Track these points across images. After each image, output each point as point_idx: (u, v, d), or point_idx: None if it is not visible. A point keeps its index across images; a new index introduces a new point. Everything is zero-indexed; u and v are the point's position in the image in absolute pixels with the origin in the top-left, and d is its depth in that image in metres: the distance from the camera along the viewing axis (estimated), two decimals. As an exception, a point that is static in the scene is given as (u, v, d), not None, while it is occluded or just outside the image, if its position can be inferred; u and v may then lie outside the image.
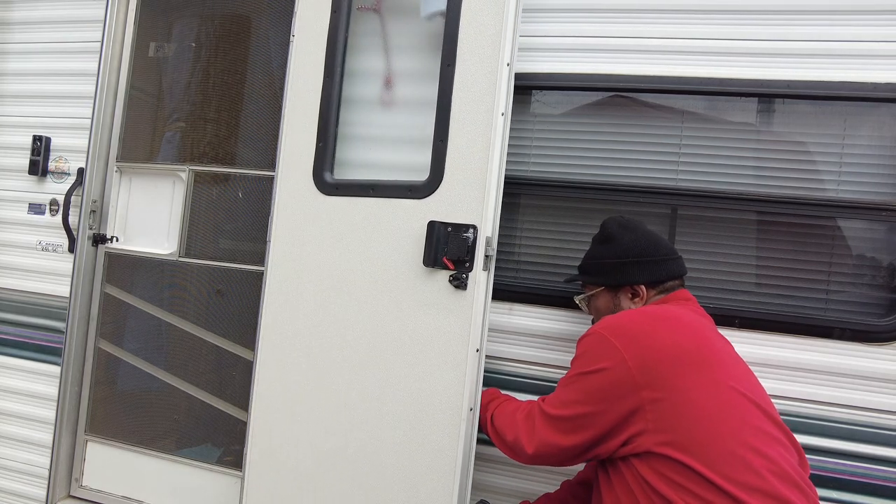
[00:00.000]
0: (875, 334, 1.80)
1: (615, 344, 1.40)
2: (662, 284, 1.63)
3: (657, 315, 1.47)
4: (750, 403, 1.37)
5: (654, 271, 1.62)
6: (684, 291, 1.65)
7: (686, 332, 1.42)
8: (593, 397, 1.40)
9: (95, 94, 2.43)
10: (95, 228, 2.49)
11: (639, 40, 2.01)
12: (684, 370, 1.34)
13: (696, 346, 1.39)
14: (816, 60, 1.88)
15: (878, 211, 1.84)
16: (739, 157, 1.95)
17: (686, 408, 1.31)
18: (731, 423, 1.31)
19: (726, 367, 1.40)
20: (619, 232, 1.68)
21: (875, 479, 1.79)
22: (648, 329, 1.41)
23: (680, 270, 1.66)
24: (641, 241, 1.66)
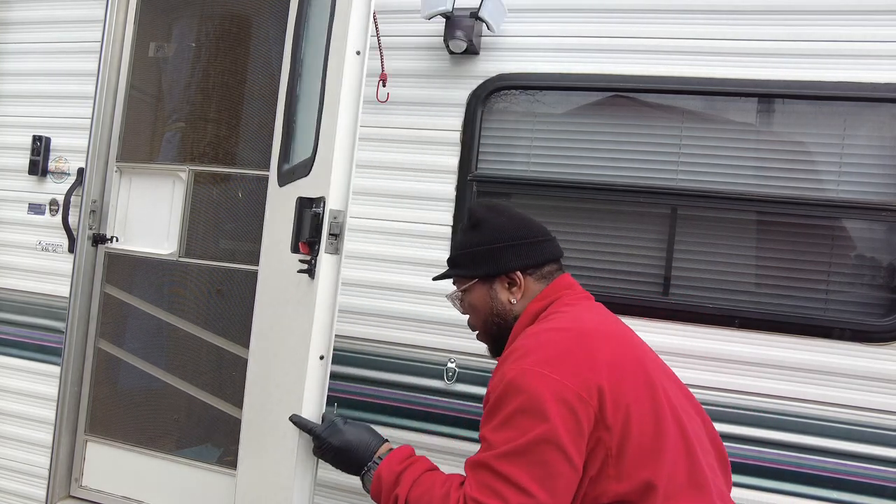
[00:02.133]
0: (875, 334, 1.80)
1: (562, 381, 1.11)
2: (540, 269, 1.40)
3: (582, 330, 1.22)
4: (689, 413, 1.25)
5: (530, 254, 1.39)
6: (566, 277, 1.43)
7: (620, 343, 1.24)
8: (564, 462, 1.09)
9: (95, 94, 2.43)
10: (95, 228, 2.49)
11: (639, 40, 2.01)
12: (638, 394, 1.15)
13: (636, 360, 1.22)
14: (816, 60, 1.88)
15: (878, 211, 1.84)
16: (739, 157, 1.95)
17: (646, 441, 1.12)
18: (679, 451, 1.15)
19: (663, 378, 1.24)
20: (488, 215, 1.44)
21: (875, 479, 1.78)
22: (586, 351, 1.17)
23: (556, 252, 1.44)
24: (513, 223, 1.42)
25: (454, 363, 2.09)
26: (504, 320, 1.39)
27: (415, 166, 2.18)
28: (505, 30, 2.11)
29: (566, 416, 1.08)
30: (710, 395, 1.90)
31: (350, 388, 2.18)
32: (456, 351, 2.09)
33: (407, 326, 2.14)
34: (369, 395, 2.16)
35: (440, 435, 2.07)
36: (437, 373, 2.10)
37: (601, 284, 2.04)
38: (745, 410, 1.87)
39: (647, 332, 1.94)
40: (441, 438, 2.07)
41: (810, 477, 1.82)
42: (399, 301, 2.15)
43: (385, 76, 2.17)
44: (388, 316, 2.15)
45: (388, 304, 2.16)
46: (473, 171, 2.12)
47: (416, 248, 2.16)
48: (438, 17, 2.04)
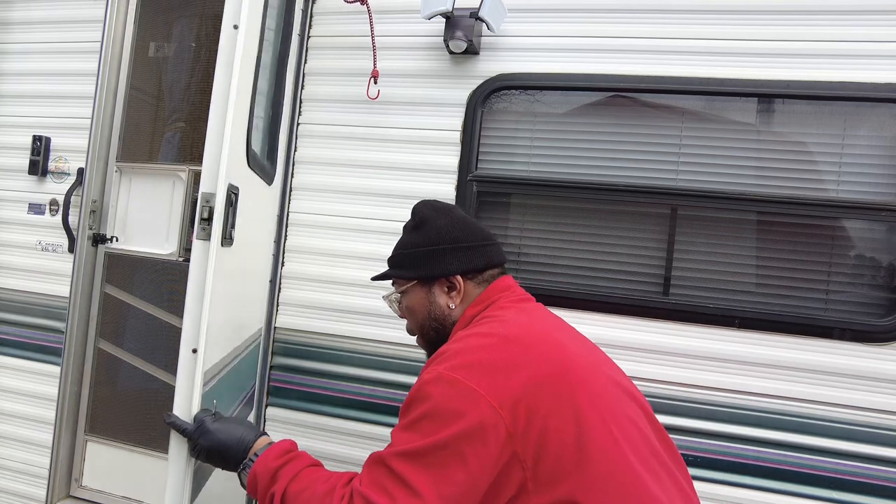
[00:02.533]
0: (875, 334, 1.80)
1: (475, 388, 1.05)
2: (482, 274, 1.35)
3: (507, 336, 1.15)
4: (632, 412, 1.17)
5: (471, 259, 1.33)
6: (506, 279, 1.37)
7: (545, 348, 1.15)
8: (461, 470, 1.03)
9: (95, 94, 2.43)
10: (95, 228, 2.49)
11: (639, 40, 2.01)
12: (558, 402, 1.07)
13: (560, 366, 1.12)
14: (816, 60, 1.88)
15: (878, 211, 1.84)
16: (739, 157, 1.95)
17: (567, 452, 1.04)
18: (618, 457, 1.07)
19: (593, 379, 1.15)
20: (432, 216, 1.39)
21: (875, 479, 1.79)
22: (506, 358, 1.10)
23: (500, 258, 1.39)
24: (457, 226, 1.36)
25: (454, 363, 2.08)
26: (442, 325, 1.35)
27: (415, 166, 2.19)
28: (505, 30, 2.11)
29: (473, 424, 1.03)
30: (711, 395, 1.90)
31: (351, 387, 2.19)
32: (456, 351, 2.09)
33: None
34: (370, 394, 2.16)
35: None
36: (437, 373, 2.10)
37: (601, 284, 2.04)
38: (745, 410, 1.88)
39: (647, 333, 1.96)
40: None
41: (810, 477, 1.82)
42: (399, 301, 2.15)
43: (377, 73, 2.17)
44: (388, 316, 2.14)
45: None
46: (473, 171, 2.12)
47: (416, 248, 2.16)
48: (438, 17, 2.04)
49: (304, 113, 2.33)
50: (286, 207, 2.30)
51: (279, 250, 2.30)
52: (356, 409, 2.17)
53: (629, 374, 1.94)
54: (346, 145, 2.26)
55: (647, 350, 1.95)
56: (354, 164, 2.24)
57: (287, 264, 2.30)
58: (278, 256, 2.30)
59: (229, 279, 1.56)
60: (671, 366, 1.93)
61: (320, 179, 2.28)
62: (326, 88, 2.30)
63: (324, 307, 2.25)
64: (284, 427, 2.22)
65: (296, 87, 2.32)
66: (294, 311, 2.28)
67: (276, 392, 2.27)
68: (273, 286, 2.29)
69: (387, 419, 2.13)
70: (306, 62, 2.33)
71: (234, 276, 1.64)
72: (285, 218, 2.30)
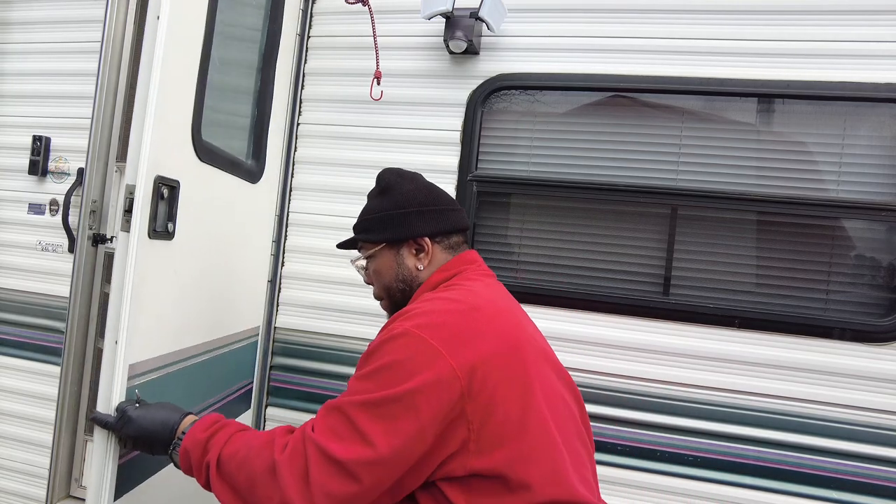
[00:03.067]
0: (875, 334, 1.80)
1: (438, 348, 1.09)
2: (448, 238, 1.38)
3: (474, 305, 1.19)
4: (566, 401, 1.23)
5: (438, 221, 1.37)
6: (472, 252, 1.41)
7: (506, 323, 1.20)
8: (413, 421, 1.06)
9: (95, 94, 2.42)
10: (95, 228, 2.48)
11: (639, 40, 2.01)
12: (509, 375, 1.13)
13: (517, 342, 1.18)
14: (816, 60, 1.88)
15: (878, 211, 1.84)
16: (739, 157, 1.95)
17: (510, 423, 1.09)
18: (550, 436, 1.12)
19: (541, 362, 1.21)
20: (398, 181, 1.41)
21: (875, 479, 1.79)
22: (471, 325, 1.15)
23: (463, 223, 1.42)
24: (422, 190, 1.40)
25: (454, 363, 2.08)
26: (409, 287, 1.37)
27: (415, 166, 2.16)
28: (505, 30, 2.11)
29: (431, 383, 1.07)
30: (711, 395, 1.90)
31: (350, 388, 2.18)
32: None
33: (407, 326, 2.14)
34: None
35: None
36: (437, 373, 2.10)
37: (601, 284, 2.04)
38: (745, 410, 1.88)
39: (647, 333, 1.96)
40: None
41: (810, 477, 1.82)
42: (399, 301, 2.15)
43: (379, 74, 2.17)
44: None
45: (388, 304, 2.16)
46: (473, 171, 2.12)
47: (416, 248, 2.16)
48: (438, 17, 2.04)
49: (304, 113, 2.33)
50: (286, 207, 2.30)
51: (279, 250, 2.30)
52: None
53: (629, 375, 1.97)
54: (346, 145, 2.26)
55: (647, 350, 1.95)
56: (354, 164, 2.24)
57: (287, 264, 2.30)
58: (278, 256, 2.30)
59: (176, 274, 1.54)
60: (671, 366, 1.93)
61: (320, 179, 2.28)
62: (326, 88, 2.30)
63: (324, 307, 2.25)
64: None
65: (296, 87, 2.32)
66: (294, 311, 2.28)
67: (276, 392, 2.27)
68: (273, 286, 2.29)
69: (387, 419, 2.12)
70: (306, 62, 2.33)
71: (186, 272, 1.61)
72: (285, 218, 2.30)
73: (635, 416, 1.95)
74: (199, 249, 1.67)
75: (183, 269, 1.58)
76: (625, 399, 1.96)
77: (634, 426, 1.94)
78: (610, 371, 1.97)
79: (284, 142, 2.30)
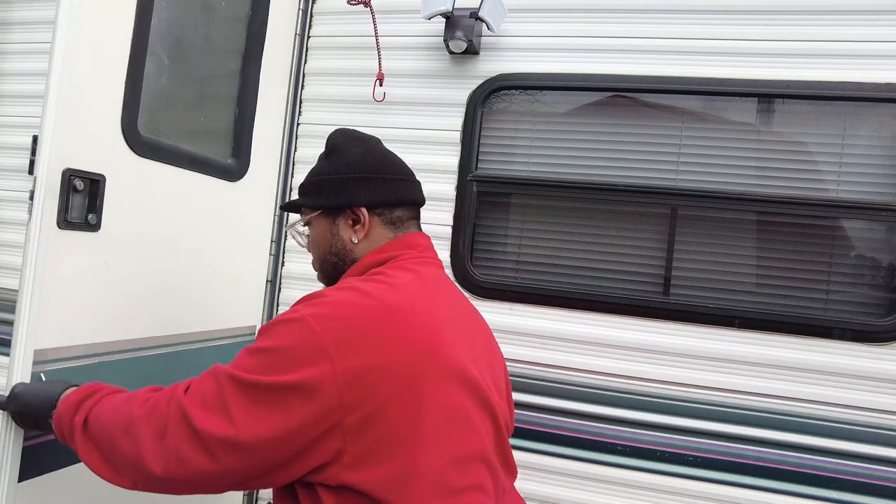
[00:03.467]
0: (875, 334, 1.80)
1: (326, 346, 0.98)
2: (391, 212, 1.25)
3: (388, 304, 1.04)
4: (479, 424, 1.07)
5: (379, 190, 1.23)
6: (419, 236, 1.27)
7: (419, 329, 1.04)
8: (282, 418, 0.97)
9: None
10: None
11: (639, 40, 2.01)
12: (404, 389, 0.99)
13: (424, 353, 1.02)
14: (816, 60, 1.88)
15: (878, 211, 1.84)
16: (739, 157, 1.95)
17: (394, 441, 0.98)
18: (435, 460, 0.99)
19: (449, 378, 1.04)
20: (345, 144, 1.30)
21: (875, 479, 1.79)
22: (374, 327, 1.01)
23: (412, 195, 1.29)
24: (371, 155, 1.26)
25: (454, 363, 2.08)
26: (341, 261, 1.25)
27: (415, 166, 2.15)
28: (505, 30, 2.11)
29: (308, 385, 0.97)
30: (711, 395, 1.90)
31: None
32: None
33: (407, 326, 2.14)
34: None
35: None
36: (437, 373, 2.09)
37: (601, 284, 2.04)
38: (746, 410, 1.88)
39: (647, 333, 1.96)
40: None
41: (810, 477, 1.82)
42: (399, 301, 2.15)
43: (382, 75, 2.17)
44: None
45: (388, 304, 2.16)
46: (473, 171, 2.12)
47: (416, 248, 2.16)
48: (438, 17, 2.04)
49: (304, 113, 2.33)
50: (286, 207, 2.30)
51: (279, 250, 2.30)
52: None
53: (629, 375, 1.97)
54: (346, 145, 2.26)
55: (647, 350, 1.95)
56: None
57: (287, 264, 2.30)
58: (278, 256, 2.30)
59: (107, 266, 1.55)
60: (671, 366, 1.93)
61: (320, 179, 2.28)
62: (326, 88, 2.30)
63: (324, 307, 2.24)
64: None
65: (296, 87, 2.32)
66: (294, 311, 2.28)
67: (276, 392, 2.26)
68: (273, 286, 2.29)
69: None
70: (306, 62, 2.33)
71: (124, 265, 1.60)
72: (285, 218, 2.30)
73: (635, 416, 1.95)
74: (142, 244, 1.66)
75: (117, 262, 1.57)
76: (625, 399, 1.96)
77: (634, 426, 1.94)
78: (610, 371, 1.97)
79: (284, 142, 2.30)
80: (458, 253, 2.11)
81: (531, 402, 2.02)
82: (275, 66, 2.21)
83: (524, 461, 2.00)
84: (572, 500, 1.96)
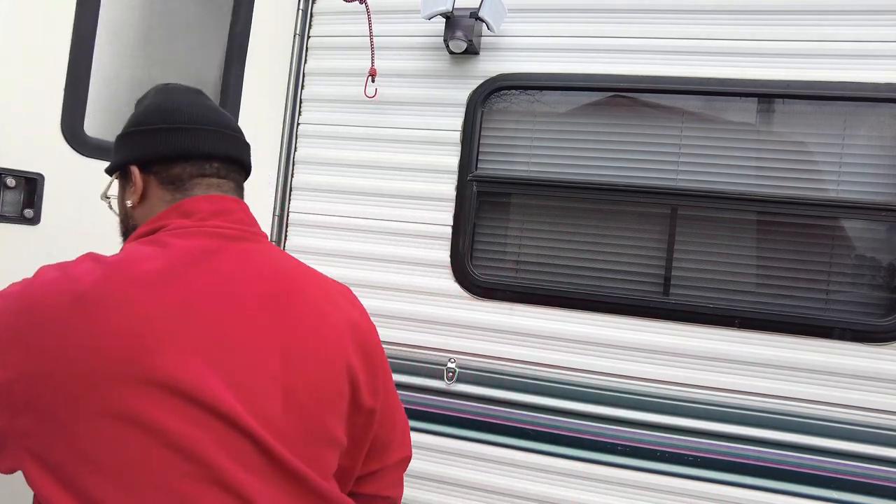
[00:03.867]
0: (875, 334, 1.80)
1: (19, 340, 0.79)
2: (167, 170, 0.98)
3: (80, 296, 0.81)
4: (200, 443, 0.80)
5: (148, 142, 0.99)
6: (205, 199, 0.97)
7: (102, 334, 0.79)
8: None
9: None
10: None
11: (639, 40, 2.01)
12: (74, 393, 0.78)
13: (93, 367, 0.78)
14: (816, 60, 1.88)
15: (878, 211, 1.84)
16: (739, 157, 1.95)
17: (84, 458, 0.79)
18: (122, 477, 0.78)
19: (132, 383, 0.79)
20: (149, 95, 1.07)
21: (875, 479, 1.79)
22: (43, 322, 0.79)
23: (196, 146, 0.98)
24: (156, 105, 1.02)
25: (454, 363, 2.09)
26: (126, 228, 1.06)
27: (415, 166, 2.19)
28: (505, 30, 2.10)
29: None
30: (711, 395, 1.90)
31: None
32: (456, 351, 2.09)
33: (406, 326, 2.14)
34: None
35: (440, 435, 2.07)
36: (437, 373, 2.10)
37: (601, 284, 2.04)
38: (746, 410, 1.87)
39: (647, 333, 1.96)
40: (441, 438, 2.07)
41: (810, 477, 1.82)
42: (399, 301, 2.15)
43: (374, 71, 2.17)
44: (388, 316, 2.15)
45: (388, 304, 2.16)
46: (473, 171, 2.12)
47: (416, 248, 2.16)
48: (438, 17, 2.04)
49: (304, 113, 2.33)
50: (286, 207, 2.30)
51: (279, 250, 2.29)
52: (356, 409, 2.16)
53: (629, 375, 1.96)
54: (345, 145, 2.26)
55: (647, 350, 1.95)
56: (354, 164, 2.24)
57: (287, 264, 2.30)
58: (278, 256, 2.29)
59: (50, 257, 1.60)
60: (671, 366, 1.93)
61: (320, 179, 2.28)
62: (326, 88, 2.30)
63: (324, 307, 2.24)
64: (284, 427, 2.22)
65: (296, 87, 2.32)
66: (294, 311, 2.28)
67: (276, 392, 2.26)
68: (273, 286, 2.29)
69: (387, 419, 2.12)
70: (306, 62, 2.33)
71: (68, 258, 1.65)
72: (285, 218, 2.30)
73: (635, 416, 1.95)
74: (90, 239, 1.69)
75: (62, 255, 1.62)
76: (625, 399, 1.96)
77: (634, 426, 1.94)
78: (610, 371, 1.97)
79: (284, 142, 2.30)
80: (458, 253, 2.11)
81: (531, 402, 2.02)
82: (269, 65, 2.21)
83: (524, 461, 2.00)
84: (572, 500, 1.96)
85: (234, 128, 1.04)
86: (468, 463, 2.04)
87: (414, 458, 2.17)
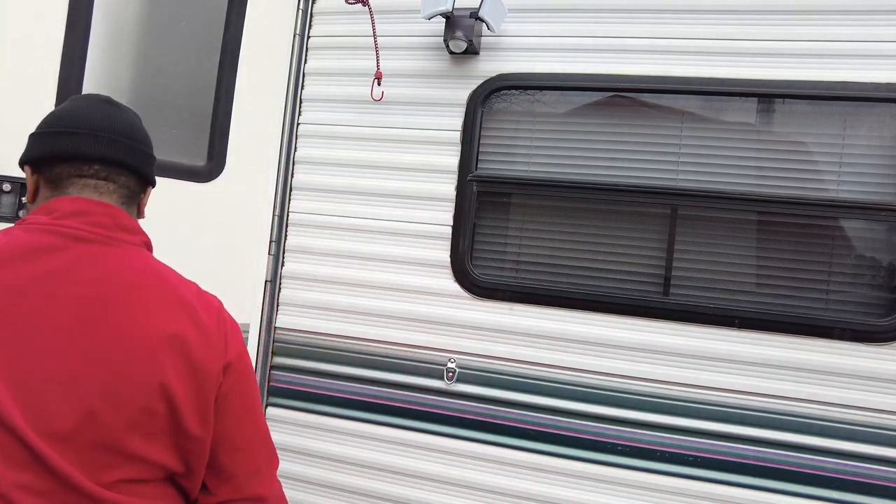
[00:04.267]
0: (875, 334, 1.80)
1: None
2: (50, 170, 1.01)
3: None
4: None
5: (37, 145, 1.03)
6: (69, 200, 0.99)
7: None
8: None
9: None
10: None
11: (639, 40, 2.01)
12: None
13: None
14: (816, 60, 1.88)
15: (878, 211, 1.84)
16: (739, 157, 1.95)
17: None
18: None
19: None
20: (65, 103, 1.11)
21: (875, 479, 1.79)
22: None
23: (71, 148, 1.00)
24: (56, 112, 1.06)
25: (454, 363, 2.09)
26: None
27: (415, 166, 2.19)
28: (505, 30, 2.11)
29: None
30: (711, 395, 1.90)
31: (351, 387, 2.18)
32: (456, 351, 2.09)
33: (406, 326, 2.14)
34: (370, 394, 2.16)
35: (440, 435, 2.07)
36: (437, 373, 2.10)
37: (601, 284, 2.04)
38: (746, 410, 1.88)
39: (647, 333, 1.96)
40: (441, 438, 2.07)
41: (810, 477, 1.82)
42: (399, 301, 2.16)
43: (380, 74, 2.17)
44: (388, 316, 2.15)
45: (388, 304, 2.16)
46: (473, 171, 2.12)
47: (416, 248, 2.16)
48: (438, 17, 2.04)
49: (304, 113, 2.33)
50: (286, 207, 2.30)
51: (279, 250, 2.30)
52: (357, 409, 2.17)
53: (629, 375, 1.96)
54: (346, 145, 2.26)
55: (647, 350, 1.95)
56: (354, 164, 2.24)
57: (287, 264, 2.30)
58: (278, 256, 2.30)
59: None
60: (671, 366, 1.93)
61: (320, 179, 2.28)
62: (326, 88, 2.30)
63: (324, 307, 2.25)
64: (285, 427, 2.22)
65: (296, 87, 2.32)
66: (294, 311, 2.28)
67: (276, 392, 2.27)
68: (273, 286, 2.29)
69: (388, 419, 2.13)
70: (306, 62, 2.33)
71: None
72: (285, 218, 2.30)
73: (635, 416, 1.95)
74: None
75: None
76: (625, 399, 1.96)
77: (634, 426, 1.95)
78: (610, 371, 1.97)
79: (284, 142, 2.30)
80: (458, 253, 2.11)
81: (531, 402, 2.02)
82: (267, 65, 2.21)
83: (525, 461, 2.00)
84: (572, 500, 1.97)
85: (126, 134, 1.05)
86: (468, 463, 2.04)
87: (414, 458, 2.18)
